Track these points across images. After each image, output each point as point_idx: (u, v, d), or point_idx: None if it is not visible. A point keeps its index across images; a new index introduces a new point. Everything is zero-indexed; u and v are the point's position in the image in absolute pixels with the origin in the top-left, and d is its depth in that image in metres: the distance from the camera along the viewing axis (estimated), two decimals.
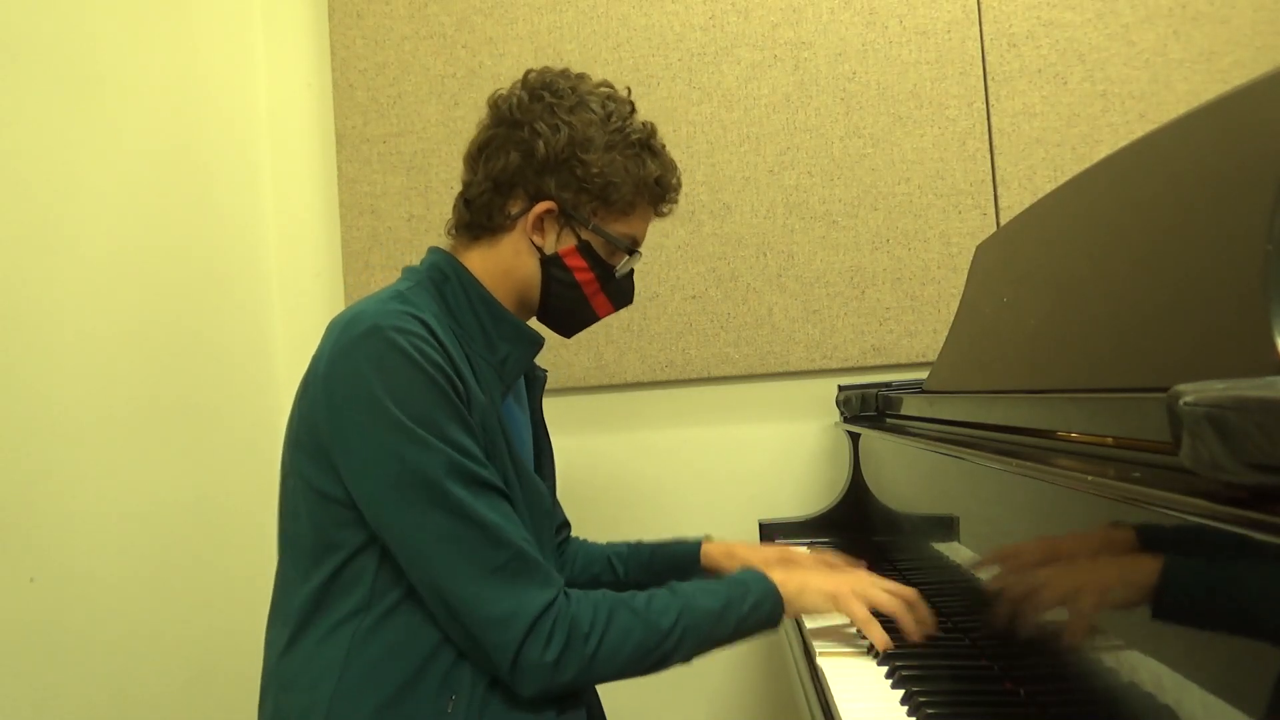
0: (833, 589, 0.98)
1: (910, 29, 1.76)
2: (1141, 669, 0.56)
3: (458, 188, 1.82)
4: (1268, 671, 0.44)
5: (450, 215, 1.09)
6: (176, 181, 1.62)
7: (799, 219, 1.78)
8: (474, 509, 0.86)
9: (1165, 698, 0.54)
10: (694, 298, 1.79)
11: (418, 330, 0.89)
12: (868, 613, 0.97)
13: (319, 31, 1.94)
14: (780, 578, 0.99)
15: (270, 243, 1.92)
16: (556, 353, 1.77)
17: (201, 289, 1.66)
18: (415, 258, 1.95)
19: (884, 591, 0.99)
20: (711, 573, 1.23)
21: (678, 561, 1.26)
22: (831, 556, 1.21)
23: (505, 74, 1.84)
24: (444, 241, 1.10)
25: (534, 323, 1.11)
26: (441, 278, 1.02)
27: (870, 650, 0.99)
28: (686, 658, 0.93)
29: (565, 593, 0.90)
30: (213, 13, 1.78)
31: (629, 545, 1.30)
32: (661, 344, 1.80)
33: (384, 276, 1.85)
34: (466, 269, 1.03)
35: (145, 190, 1.53)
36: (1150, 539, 0.56)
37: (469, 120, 1.85)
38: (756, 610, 0.95)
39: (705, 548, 1.25)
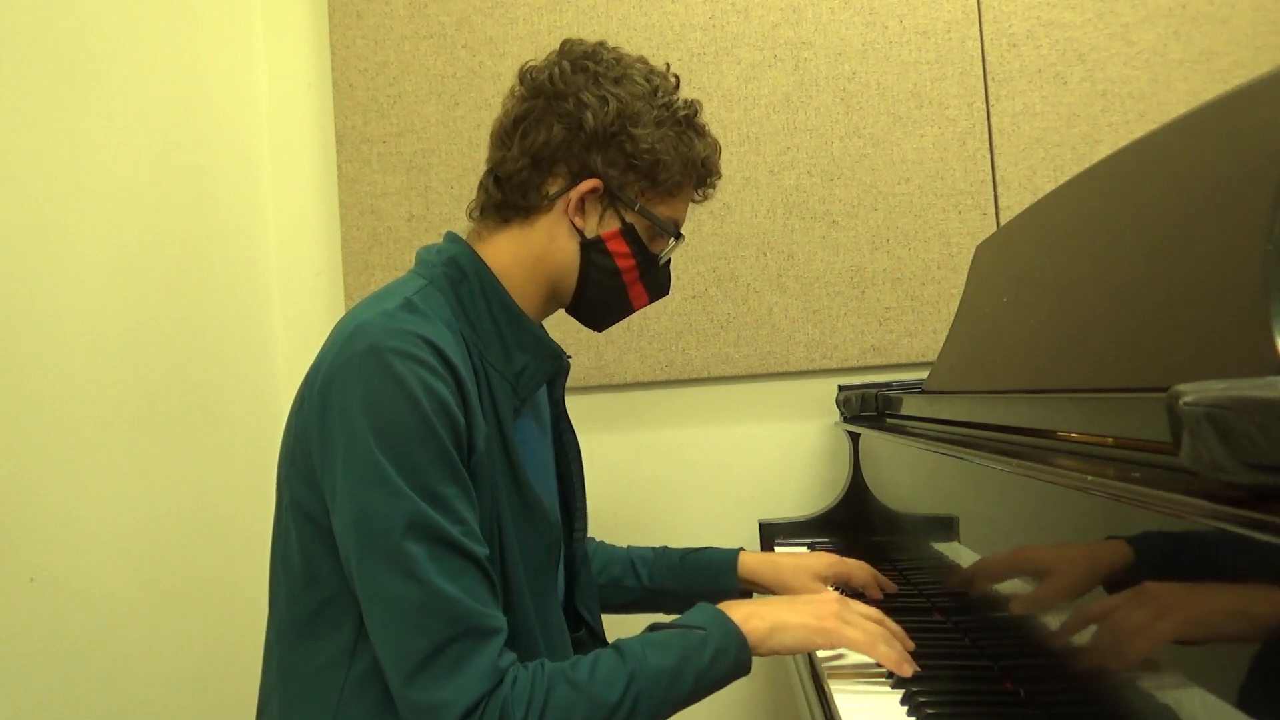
0: (815, 622, 0.88)
1: (910, 29, 1.76)
2: (1141, 669, 0.56)
3: (458, 188, 1.85)
4: (1268, 671, 0.44)
5: (460, 204, 1.01)
6: (176, 181, 1.61)
7: (799, 219, 1.78)
8: (427, 571, 0.77)
9: (1165, 698, 0.54)
10: (694, 298, 1.79)
11: (422, 355, 0.82)
12: (868, 636, 0.87)
13: (319, 31, 1.94)
14: (742, 615, 0.88)
15: (270, 243, 1.92)
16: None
17: (201, 289, 1.66)
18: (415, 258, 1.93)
19: (862, 616, 0.90)
20: (749, 583, 1.16)
21: (711, 568, 1.17)
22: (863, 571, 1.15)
23: (505, 74, 1.84)
24: (461, 227, 1.03)
25: (552, 322, 1.05)
26: (459, 276, 0.94)
27: None
28: None
29: (503, 678, 0.79)
30: (213, 13, 1.78)
31: (654, 550, 1.22)
32: (661, 344, 1.80)
33: (384, 276, 1.85)
34: (487, 267, 0.95)
35: (145, 190, 1.53)
36: (1150, 539, 0.56)
37: (469, 120, 1.87)
38: (719, 659, 0.84)
39: (743, 556, 1.16)
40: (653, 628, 0.89)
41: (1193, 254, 0.67)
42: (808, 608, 0.90)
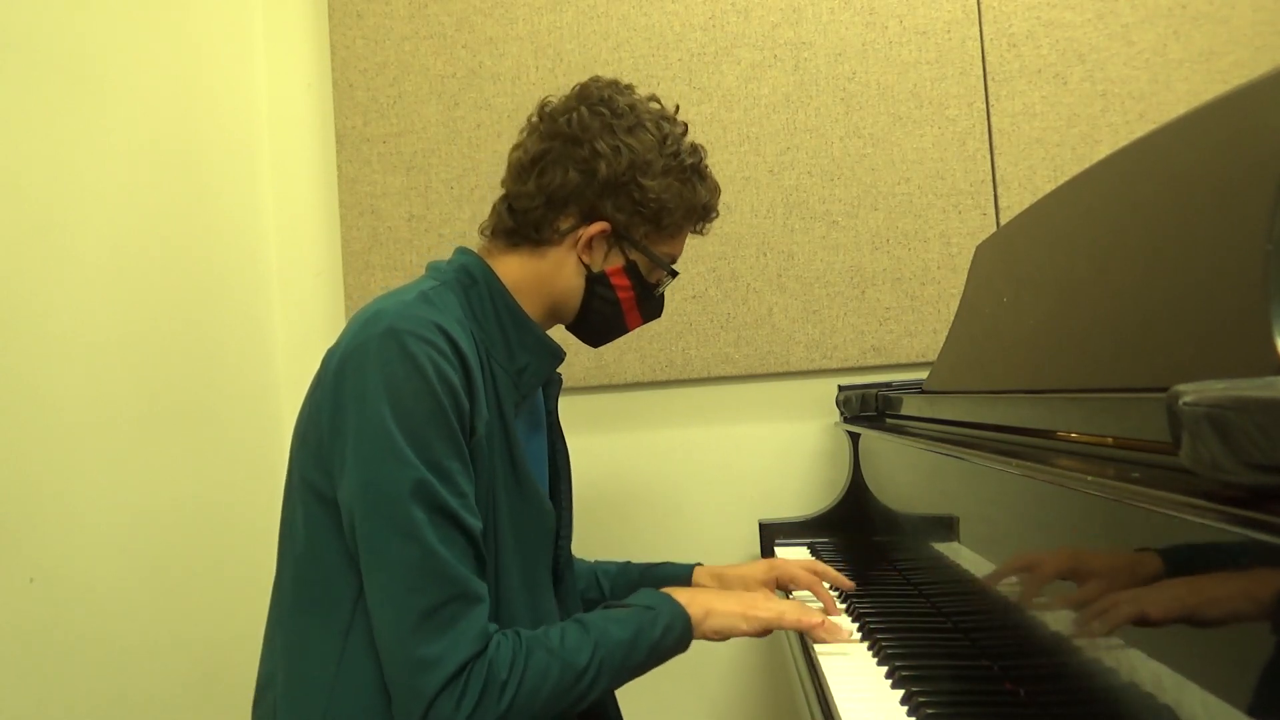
0: (740, 609, 0.99)
1: (910, 29, 1.76)
2: (1141, 669, 0.56)
3: (458, 188, 1.85)
4: (1268, 671, 0.44)
5: (466, 208, 1.09)
6: (176, 181, 1.61)
7: (799, 219, 1.78)
8: (426, 536, 0.83)
9: (1165, 698, 0.54)
10: (694, 298, 1.79)
11: (435, 339, 0.88)
12: (783, 614, 1.00)
13: (319, 31, 1.94)
14: (685, 599, 0.98)
15: (270, 243, 1.92)
16: None
17: (201, 289, 1.66)
18: (415, 257, 1.94)
19: (785, 603, 1.02)
20: None
21: (668, 584, 1.22)
22: (818, 566, 1.23)
23: (505, 74, 1.85)
24: (472, 240, 1.09)
25: (556, 330, 1.10)
26: (469, 281, 1.01)
27: (871, 649, 0.99)
28: (603, 691, 0.91)
29: (488, 642, 0.85)
30: (213, 13, 1.78)
31: (618, 565, 1.29)
32: (661, 344, 1.80)
33: (384, 276, 1.85)
34: (496, 276, 1.02)
35: (145, 190, 1.53)
36: (1150, 539, 0.56)
37: (469, 120, 1.87)
38: (668, 633, 0.94)
39: (697, 572, 1.25)
40: (608, 607, 0.98)
41: (1193, 254, 0.67)
42: (734, 597, 1.03)
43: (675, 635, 0.95)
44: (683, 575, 1.25)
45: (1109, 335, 0.76)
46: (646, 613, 0.94)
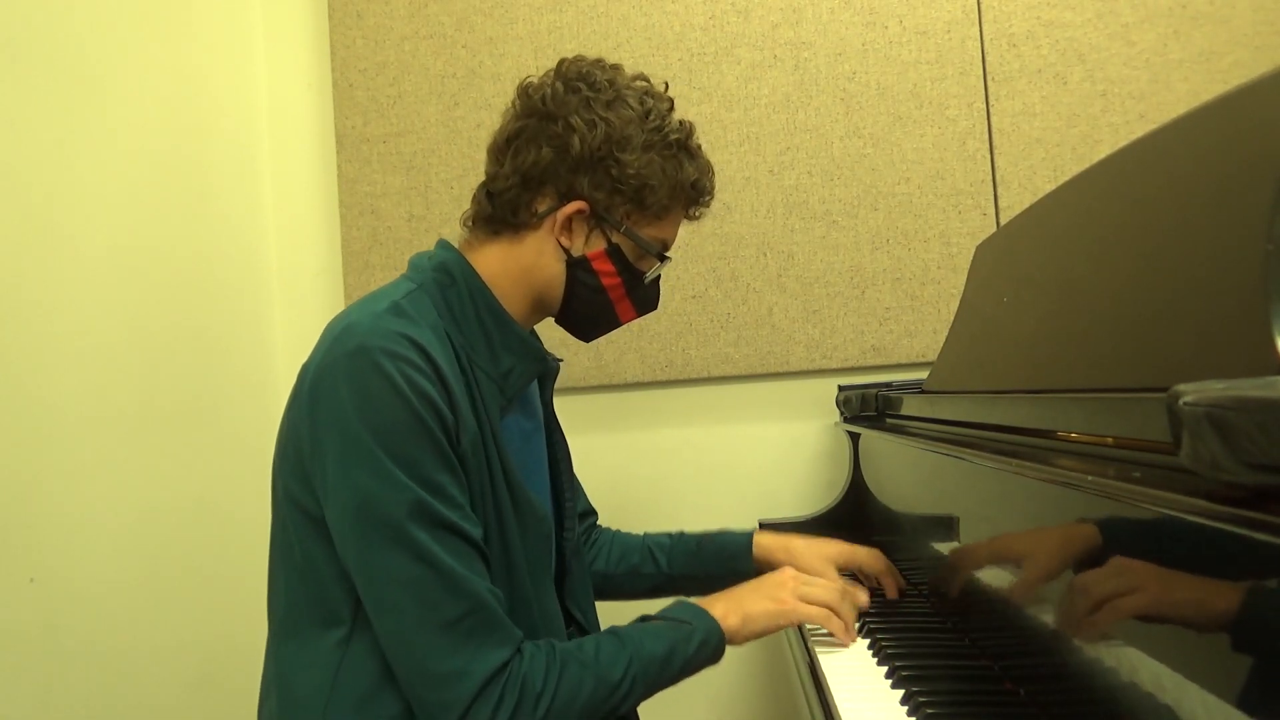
0: (775, 607, 0.98)
1: (910, 29, 1.76)
2: (1141, 669, 0.56)
3: (458, 188, 1.85)
4: (1268, 671, 0.44)
5: (465, 208, 1.03)
6: (176, 181, 1.61)
7: (799, 219, 1.78)
8: (434, 553, 0.82)
9: (1165, 698, 0.54)
10: (694, 298, 1.79)
11: (407, 353, 0.84)
12: (823, 610, 0.99)
13: (319, 31, 1.94)
14: (721, 611, 0.97)
15: (270, 243, 1.92)
16: (556, 352, 1.76)
17: (201, 289, 1.66)
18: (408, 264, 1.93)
19: (817, 587, 1.02)
20: (764, 565, 1.18)
21: (728, 552, 1.21)
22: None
23: (505, 74, 1.84)
24: (455, 235, 1.04)
25: (548, 325, 1.08)
26: (448, 281, 0.96)
27: (871, 649, 0.99)
28: (635, 704, 0.91)
29: (520, 650, 0.85)
30: (213, 13, 1.78)
31: (670, 536, 1.26)
32: (661, 344, 1.80)
33: (384, 276, 1.85)
34: (476, 273, 0.97)
35: (145, 190, 1.53)
36: (1150, 539, 0.56)
37: (469, 120, 1.87)
38: (702, 650, 0.94)
39: (758, 539, 1.20)
40: (643, 619, 0.96)
41: (1193, 254, 0.67)
42: (767, 592, 1.00)
43: (710, 650, 0.94)
44: (742, 545, 1.20)
45: (1109, 335, 0.76)
46: (682, 627, 0.93)
